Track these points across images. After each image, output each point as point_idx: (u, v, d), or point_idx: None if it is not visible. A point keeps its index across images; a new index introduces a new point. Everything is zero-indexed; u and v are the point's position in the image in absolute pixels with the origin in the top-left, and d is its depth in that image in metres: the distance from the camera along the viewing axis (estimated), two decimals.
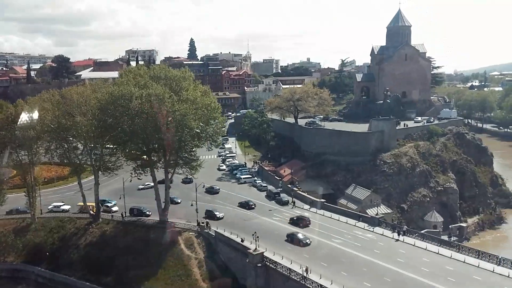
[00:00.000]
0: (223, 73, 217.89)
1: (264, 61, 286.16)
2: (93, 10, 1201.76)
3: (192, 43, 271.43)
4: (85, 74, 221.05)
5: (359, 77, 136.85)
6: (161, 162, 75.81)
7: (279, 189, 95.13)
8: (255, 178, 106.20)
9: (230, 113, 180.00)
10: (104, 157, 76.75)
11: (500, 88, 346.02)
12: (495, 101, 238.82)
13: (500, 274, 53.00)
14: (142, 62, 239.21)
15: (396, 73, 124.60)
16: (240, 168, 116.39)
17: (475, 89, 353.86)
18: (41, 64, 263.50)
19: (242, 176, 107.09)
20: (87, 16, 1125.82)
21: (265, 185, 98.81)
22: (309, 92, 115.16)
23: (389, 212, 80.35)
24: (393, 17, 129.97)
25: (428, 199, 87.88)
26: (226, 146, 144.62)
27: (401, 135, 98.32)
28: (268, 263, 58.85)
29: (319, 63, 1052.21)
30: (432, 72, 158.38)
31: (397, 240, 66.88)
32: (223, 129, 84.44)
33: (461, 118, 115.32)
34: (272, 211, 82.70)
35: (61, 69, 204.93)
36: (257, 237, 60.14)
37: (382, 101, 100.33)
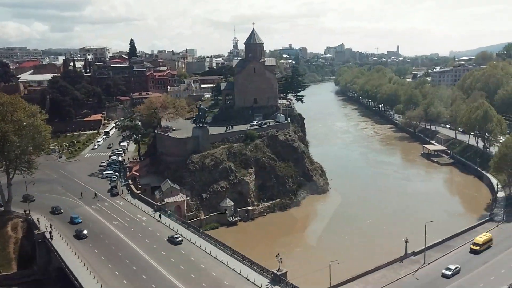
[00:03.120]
0: (147, 74, 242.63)
1: (198, 60, 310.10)
2: None
3: (132, 43, 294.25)
4: (23, 77, 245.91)
5: (223, 86, 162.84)
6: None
7: (126, 183, 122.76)
8: (116, 173, 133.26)
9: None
10: None
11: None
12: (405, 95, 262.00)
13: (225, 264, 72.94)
14: (81, 66, 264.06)
15: (247, 83, 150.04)
16: (112, 165, 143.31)
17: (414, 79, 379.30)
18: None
19: (104, 172, 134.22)
20: (81, 0, 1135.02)
21: (115, 179, 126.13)
22: (166, 102, 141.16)
23: (182, 200, 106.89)
24: (248, 36, 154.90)
25: (225, 189, 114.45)
26: (121, 144, 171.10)
27: (219, 138, 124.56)
28: (46, 240, 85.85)
29: (300, 49, 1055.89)
30: (299, 78, 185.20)
31: (158, 221, 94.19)
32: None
33: (288, 122, 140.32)
34: (99, 201, 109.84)
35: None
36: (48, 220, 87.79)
37: (198, 112, 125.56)
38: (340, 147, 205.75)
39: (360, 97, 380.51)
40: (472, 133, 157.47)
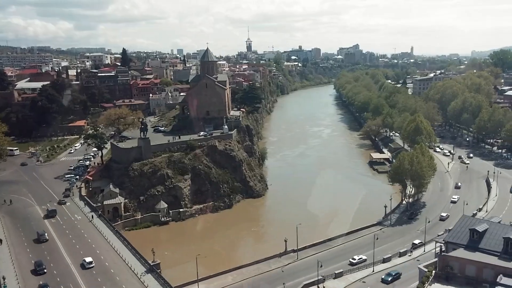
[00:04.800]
0: (131, 82, 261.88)
1: (184, 69, 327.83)
2: None
3: (124, 52, 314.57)
4: (20, 84, 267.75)
5: (180, 98, 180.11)
6: None
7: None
8: (77, 176, 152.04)
9: None
10: None
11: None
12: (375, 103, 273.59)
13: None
14: (75, 73, 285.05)
15: (200, 97, 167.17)
16: (77, 169, 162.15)
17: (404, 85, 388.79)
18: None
19: (66, 176, 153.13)
20: None
21: (72, 182, 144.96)
22: (123, 114, 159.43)
23: (119, 202, 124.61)
24: (203, 54, 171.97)
25: (161, 193, 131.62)
26: (94, 149, 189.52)
27: (162, 148, 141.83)
28: None
29: (310, 51, 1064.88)
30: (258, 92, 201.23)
31: (90, 221, 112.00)
32: None
33: (231, 133, 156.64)
34: (51, 201, 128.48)
35: None
36: None
37: (141, 125, 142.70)
38: (301, 151, 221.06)
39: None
40: (408, 143, 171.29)
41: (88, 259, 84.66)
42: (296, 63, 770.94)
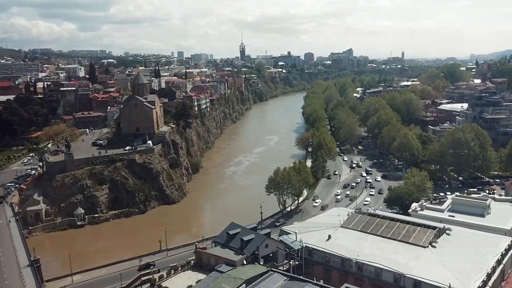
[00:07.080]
0: (91, 96, 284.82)
1: (148, 81, 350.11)
2: None
3: (92, 67, 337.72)
4: None
5: (115, 115, 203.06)
6: None
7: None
8: (17, 185, 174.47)
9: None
10: None
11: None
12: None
13: None
14: (48, 84, 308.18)
15: (131, 115, 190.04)
16: (21, 178, 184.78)
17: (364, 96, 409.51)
18: None
19: (7, 184, 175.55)
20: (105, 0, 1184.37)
21: (12, 189, 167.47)
22: (59, 130, 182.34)
23: (41, 208, 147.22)
24: (135, 77, 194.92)
25: (79, 200, 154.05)
26: None
27: (84, 162, 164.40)
28: None
29: (299, 57, 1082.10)
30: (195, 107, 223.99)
31: (7, 224, 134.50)
32: None
33: (154, 147, 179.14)
34: None
35: None
36: None
37: (65, 143, 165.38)
38: (240, 159, 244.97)
39: None
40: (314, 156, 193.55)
41: None
42: (281, 69, 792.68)
